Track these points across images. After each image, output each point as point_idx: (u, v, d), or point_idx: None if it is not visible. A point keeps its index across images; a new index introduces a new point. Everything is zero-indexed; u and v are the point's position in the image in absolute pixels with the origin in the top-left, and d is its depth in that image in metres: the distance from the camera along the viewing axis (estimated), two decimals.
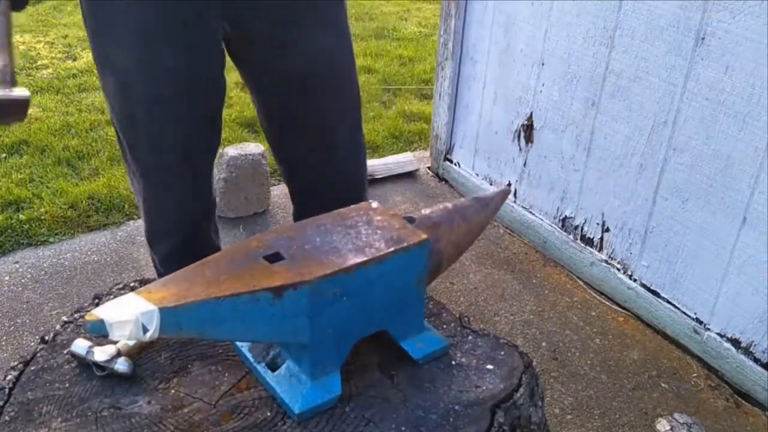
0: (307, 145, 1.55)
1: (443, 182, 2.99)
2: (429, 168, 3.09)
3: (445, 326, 1.13)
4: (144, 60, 1.33)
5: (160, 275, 1.68)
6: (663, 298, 2.10)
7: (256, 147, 2.69)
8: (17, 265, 2.34)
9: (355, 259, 0.91)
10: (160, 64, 1.34)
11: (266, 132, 1.60)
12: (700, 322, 2.00)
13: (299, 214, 1.70)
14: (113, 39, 1.34)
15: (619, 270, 2.22)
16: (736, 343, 1.91)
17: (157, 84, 1.36)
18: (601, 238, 2.27)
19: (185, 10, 1.31)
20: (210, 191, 1.61)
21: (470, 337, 1.10)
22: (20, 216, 2.57)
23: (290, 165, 1.62)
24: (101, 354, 0.99)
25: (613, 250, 2.24)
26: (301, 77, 1.45)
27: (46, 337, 1.06)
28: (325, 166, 1.57)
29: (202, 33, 1.36)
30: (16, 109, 1.28)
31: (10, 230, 2.49)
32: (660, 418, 1.78)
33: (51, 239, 2.48)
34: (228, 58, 1.46)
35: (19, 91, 1.26)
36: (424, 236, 0.98)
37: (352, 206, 1.05)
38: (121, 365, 0.98)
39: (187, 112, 1.41)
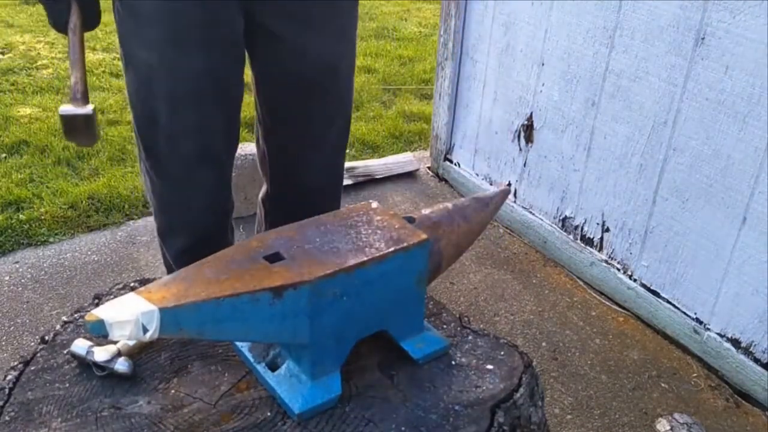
0: (297, 141, 1.59)
1: (443, 182, 2.99)
2: (429, 168, 3.09)
3: (445, 326, 1.13)
4: (165, 58, 1.36)
5: (171, 271, 1.70)
6: (663, 298, 2.10)
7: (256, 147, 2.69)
8: (17, 265, 2.34)
9: (355, 259, 0.91)
10: (181, 63, 1.36)
11: (260, 120, 1.63)
12: (700, 322, 2.00)
13: (275, 201, 1.74)
14: (138, 38, 1.36)
15: (619, 270, 2.22)
16: (736, 343, 1.91)
17: (178, 82, 1.38)
18: (601, 238, 2.27)
19: (206, 11, 1.33)
20: (228, 191, 1.62)
21: (470, 337, 1.10)
22: (20, 216, 2.57)
23: (278, 152, 1.65)
24: (101, 354, 0.99)
25: (613, 250, 2.24)
26: (307, 80, 1.49)
27: (46, 337, 1.06)
28: (309, 162, 1.62)
29: (223, 33, 1.38)
30: (80, 125, 1.26)
31: (10, 230, 2.49)
32: (660, 418, 1.78)
33: (51, 239, 2.48)
34: None
35: (80, 108, 1.25)
36: (424, 236, 0.98)
37: (352, 206, 1.06)
38: (121, 365, 0.98)
39: (206, 111, 1.43)
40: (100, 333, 0.78)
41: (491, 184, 2.69)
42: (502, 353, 1.07)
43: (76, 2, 1.30)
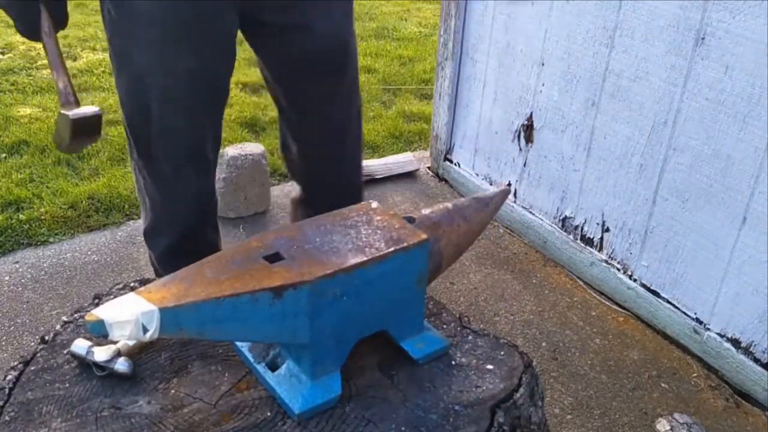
0: (324, 133, 1.60)
1: (443, 182, 2.99)
2: (429, 168, 3.09)
3: (445, 326, 1.13)
4: (158, 57, 1.36)
5: (157, 272, 1.70)
6: (663, 298, 2.10)
7: (256, 147, 2.69)
8: (17, 265, 2.34)
9: (355, 259, 0.91)
10: (174, 62, 1.36)
11: (286, 119, 1.64)
12: (700, 322, 2.00)
13: (312, 202, 1.73)
14: (130, 36, 1.36)
15: (619, 270, 2.22)
16: (736, 343, 1.91)
17: (171, 81, 1.38)
18: (601, 238, 2.27)
19: (199, 9, 1.33)
20: (212, 189, 1.63)
21: (470, 337, 1.10)
22: (20, 216, 2.57)
23: (308, 150, 1.65)
24: (101, 354, 0.99)
25: (613, 250, 2.24)
26: (320, 59, 1.49)
27: (46, 337, 1.06)
28: (337, 156, 1.63)
29: (215, 33, 1.38)
30: (91, 127, 1.29)
31: (10, 230, 2.49)
32: (660, 418, 1.78)
33: (51, 239, 2.48)
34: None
35: (88, 109, 1.28)
36: (424, 236, 0.98)
37: (352, 206, 1.06)
38: (121, 365, 0.98)
39: (197, 110, 1.44)
40: (100, 333, 0.78)
41: (491, 184, 2.69)
42: (502, 353, 1.07)
43: (44, 5, 1.29)
